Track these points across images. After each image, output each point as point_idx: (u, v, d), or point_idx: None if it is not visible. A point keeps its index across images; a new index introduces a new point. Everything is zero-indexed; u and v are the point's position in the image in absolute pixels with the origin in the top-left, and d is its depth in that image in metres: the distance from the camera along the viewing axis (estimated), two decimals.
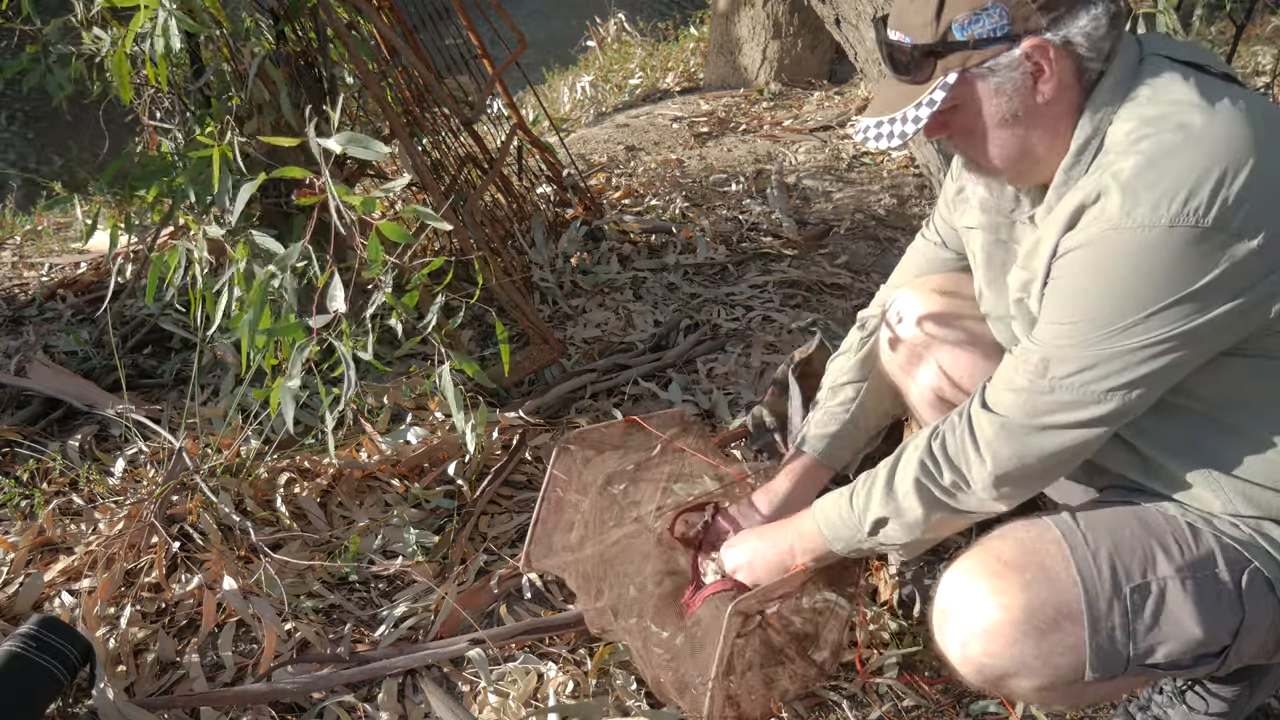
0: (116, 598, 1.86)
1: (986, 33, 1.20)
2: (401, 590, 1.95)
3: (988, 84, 1.24)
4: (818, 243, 3.44)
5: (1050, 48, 1.21)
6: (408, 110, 2.93)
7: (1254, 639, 1.27)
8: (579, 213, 3.45)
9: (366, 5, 2.66)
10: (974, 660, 1.27)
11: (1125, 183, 1.16)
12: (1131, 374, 1.20)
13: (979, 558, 1.31)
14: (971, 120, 1.28)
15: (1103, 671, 1.23)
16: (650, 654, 1.66)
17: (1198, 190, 1.12)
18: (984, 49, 1.21)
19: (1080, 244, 1.20)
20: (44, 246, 3.60)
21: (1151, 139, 1.17)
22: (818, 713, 1.68)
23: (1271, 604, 1.26)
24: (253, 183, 1.58)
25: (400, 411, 2.40)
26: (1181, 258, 1.14)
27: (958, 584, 1.30)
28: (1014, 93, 1.23)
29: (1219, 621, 1.24)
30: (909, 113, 1.26)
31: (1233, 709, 1.51)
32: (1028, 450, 1.28)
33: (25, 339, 2.82)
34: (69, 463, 2.23)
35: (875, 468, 1.43)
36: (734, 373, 2.65)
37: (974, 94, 1.25)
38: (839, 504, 1.47)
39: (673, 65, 6.19)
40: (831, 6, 2.45)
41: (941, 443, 1.35)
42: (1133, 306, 1.18)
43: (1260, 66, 4.89)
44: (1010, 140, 1.27)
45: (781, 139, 4.49)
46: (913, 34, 1.24)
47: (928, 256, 1.68)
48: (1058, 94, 1.23)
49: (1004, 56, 1.21)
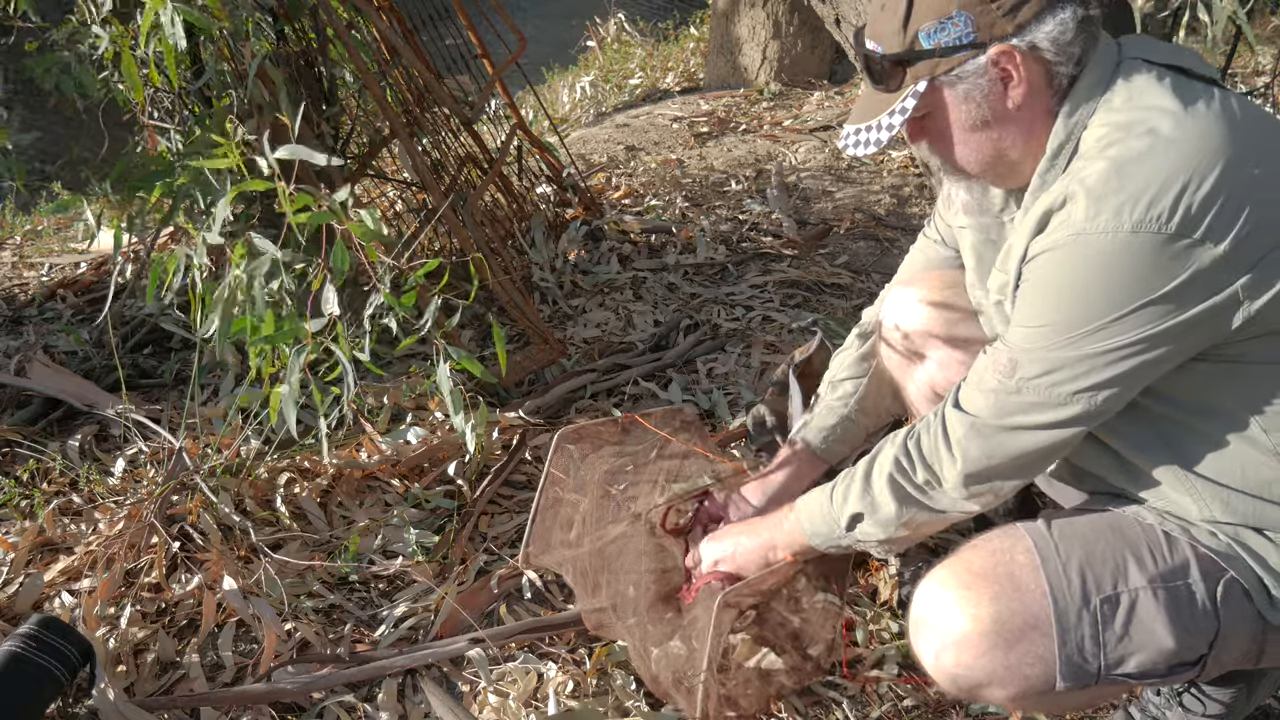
0: (116, 598, 1.86)
1: (952, 40, 1.22)
2: (401, 590, 1.95)
3: (956, 91, 1.25)
4: (818, 243, 3.44)
5: (1017, 54, 1.22)
6: (408, 110, 2.93)
7: (1232, 648, 1.26)
8: (579, 213, 3.45)
9: (366, 5, 2.66)
10: (947, 670, 1.28)
11: (1090, 188, 1.17)
12: (1097, 377, 1.21)
13: (952, 568, 1.32)
14: (943, 126, 1.29)
15: (1073, 681, 1.24)
16: (648, 652, 1.66)
17: (1161, 197, 1.13)
18: (951, 56, 1.23)
19: (1046, 248, 1.21)
20: (44, 246, 3.60)
21: (1119, 144, 1.18)
22: (817, 711, 1.68)
23: (1250, 613, 1.25)
24: (225, 196, 1.59)
25: (400, 411, 2.40)
26: (1145, 263, 1.15)
27: (931, 594, 1.31)
28: (983, 99, 1.25)
29: (1192, 631, 1.24)
30: (883, 120, 1.29)
31: (1230, 710, 1.51)
32: (996, 450, 1.29)
33: (25, 339, 2.82)
34: (69, 463, 2.23)
35: (851, 467, 1.44)
36: (734, 373, 2.66)
37: (943, 101, 1.27)
38: (820, 499, 1.48)
39: (673, 65, 6.20)
40: (831, 6, 2.45)
41: (917, 441, 1.36)
42: (1097, 311, 1.18)
43: (1260, 66, 4.89)
44: (983, 144, 1.29)
45: (781, 139, 4.49)
46: (884, 43, 1.26)
47: (928, 255, 1.69)
48: (1028, 99, 1.25)
49: (970, 64, 1.23)
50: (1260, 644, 1.28)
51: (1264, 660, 1.31)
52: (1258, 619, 1.25)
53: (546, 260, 3.15)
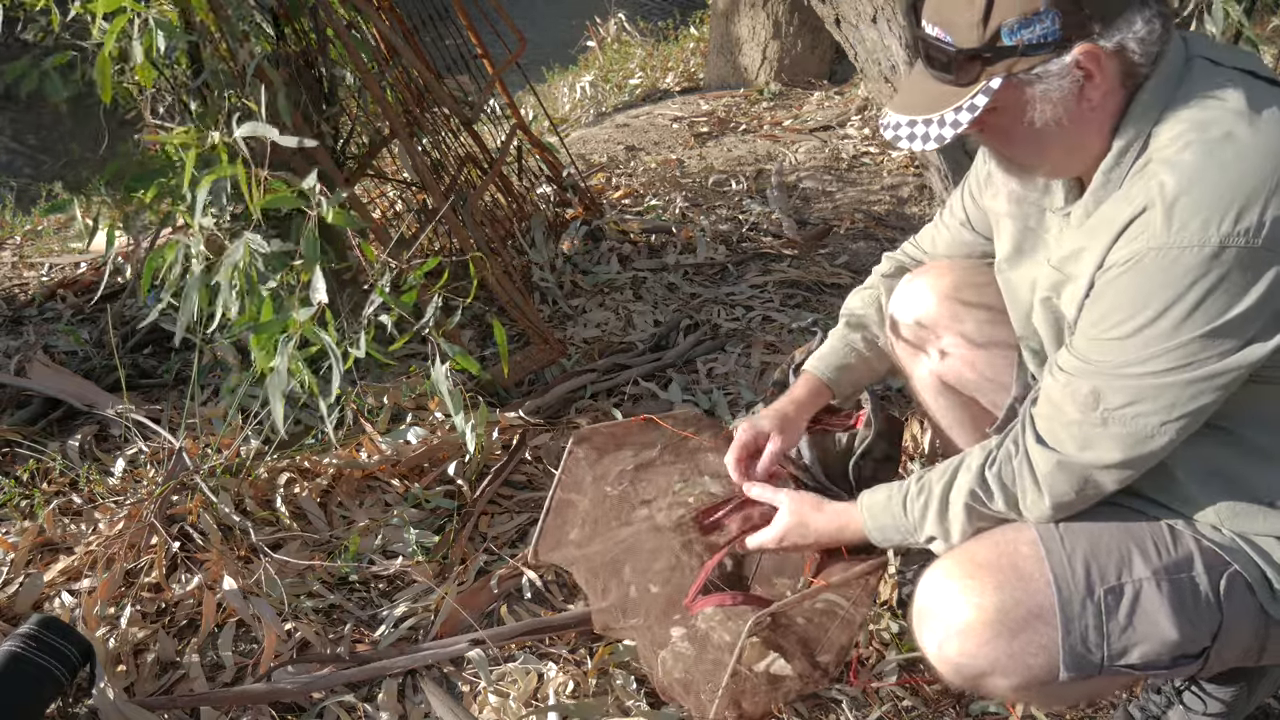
0: (116, 598, 1.86)
1: (1037, 38, 1.14)
2: (401, 590, 1.95)
3: (1034, 90, 1.18)
4: (818, 243, 3.44)
5: (1103, 54, 1.15)
6: (408, 110, 2.93)
7: (1235, 642, 1.26)
8: (579, 213, 3.45)
9: (366, 5, 2.66)
10: (950, 660, 1.28)
11: (1173, 198, 1.12)
12: (1186, 407, 1.17)
13: (956, 558, 1.31)
14: (1011, 123, 1.22)
15: (1076, 671, 1.23)
16: (655, 653, 1.66)
17: (1249, 208, 1.09)
18: (1033, 55, 1.15)
19: (1126, 259, 1.16)
20: (44, 246, 3.60)
21: (1197, 147, 1.13)
22: (818, 712, 1.68)
23: (1253, 607, 1.25)
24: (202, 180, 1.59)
25: (400, 411, 2.40)
26: (1233, 278, 1.11)
27: (935, 585, 1.31)
28: (1060, 99, 1.18)
29: (1196, 624, 1.23)
30: (947, 116, 1.20)
31: (1231, 710, 1.51)
32: (1085, 484, 1.26)
33: (25, 339, 2.82)
34: (69, 463, 2.23)
35: (927, 478, 1.39)
36: (734, 373, 2.66)
37: (1018, 99, 1.19)
38: (890, 508, 1.43)
39: (673, 65, 6.19)
40: (831, 6, 2.45)
41: (997, 473, 1.31)
42: (1183, 328, 1.14)
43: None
44: (1051, 142, 1.23)
45: (781, 139, 4.49)
46: (956, 34, 1.17)
47: (953, 237, 1.64)
48: (1104, 98, 1.19)
49: (1054, 63, 1.15)
50: (1263, 639, 1.28)
51: (1265, 657, 1.31)
52: (1260, 613, 1.25)
53: (546, 260, 3.15)
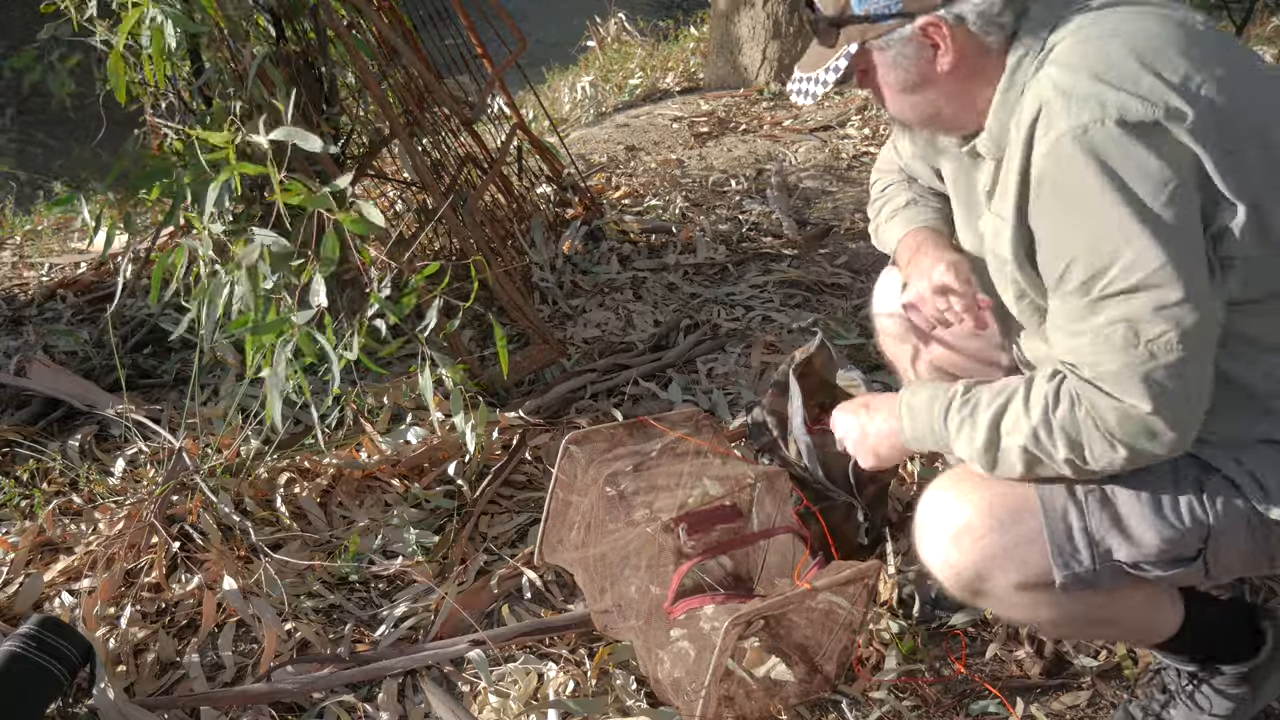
0: (116, 598, 1.86)
1: (881, 9, 1.26)
2: (401, 590, 1.95)
3: (886, 55, 1.29)
4: (818, 243, 3.44)
5: (943, 25, 1.24)
6: (408, 110, 2.93)
7: (1231, 545, 1.27)
8: (579, 213, 3.45)
9: (366, 5, 2.66)
10: (951, 564, 1.32)
11: (1063, 87, 1.18)
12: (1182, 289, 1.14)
13: (948, 475, 1.39)
14: (881, 84, 1.34)
15: (1067, 570, 1.27)
16: (652, 655, 1.67)
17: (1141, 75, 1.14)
18: (879, 24, 1.27)
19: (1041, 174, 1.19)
20: (44, 246, 3.60)
21: (1084, 44, 1.20)
22: (817, 713, 1.68)
23: (1242, 509, 1.25)
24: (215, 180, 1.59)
25: (400, 411, 2.40)
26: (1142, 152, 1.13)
27: (930, 499, 1.37)
28: (911, 65, 1.28)
29: (1177, 526, 1.25)
30: (819, 75, 1.34)
31: (1234, 712, 1.51)
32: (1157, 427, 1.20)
33: (25, 339, 2.82)
34: (69, 463, 2.23)
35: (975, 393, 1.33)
36: (734, 373, 2.66)
37: (874, 63, 1.31)
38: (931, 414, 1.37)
39: (673, 65, 6.19)
40: None
41: (1061, 420, 1.24)
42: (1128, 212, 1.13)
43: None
44: (918, 104, 1.33)
45: (781, 139, 4.49)
46: (823, 4, 1.32)
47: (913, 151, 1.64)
48: (958, 63, 1.27)
49: (898, 32, 1.26)
50: (1266, 542, 1.27)
51: (1278, 564, 1.32)
52: (1253, 514, 1.25)
53: (546, 260, 3.15)
